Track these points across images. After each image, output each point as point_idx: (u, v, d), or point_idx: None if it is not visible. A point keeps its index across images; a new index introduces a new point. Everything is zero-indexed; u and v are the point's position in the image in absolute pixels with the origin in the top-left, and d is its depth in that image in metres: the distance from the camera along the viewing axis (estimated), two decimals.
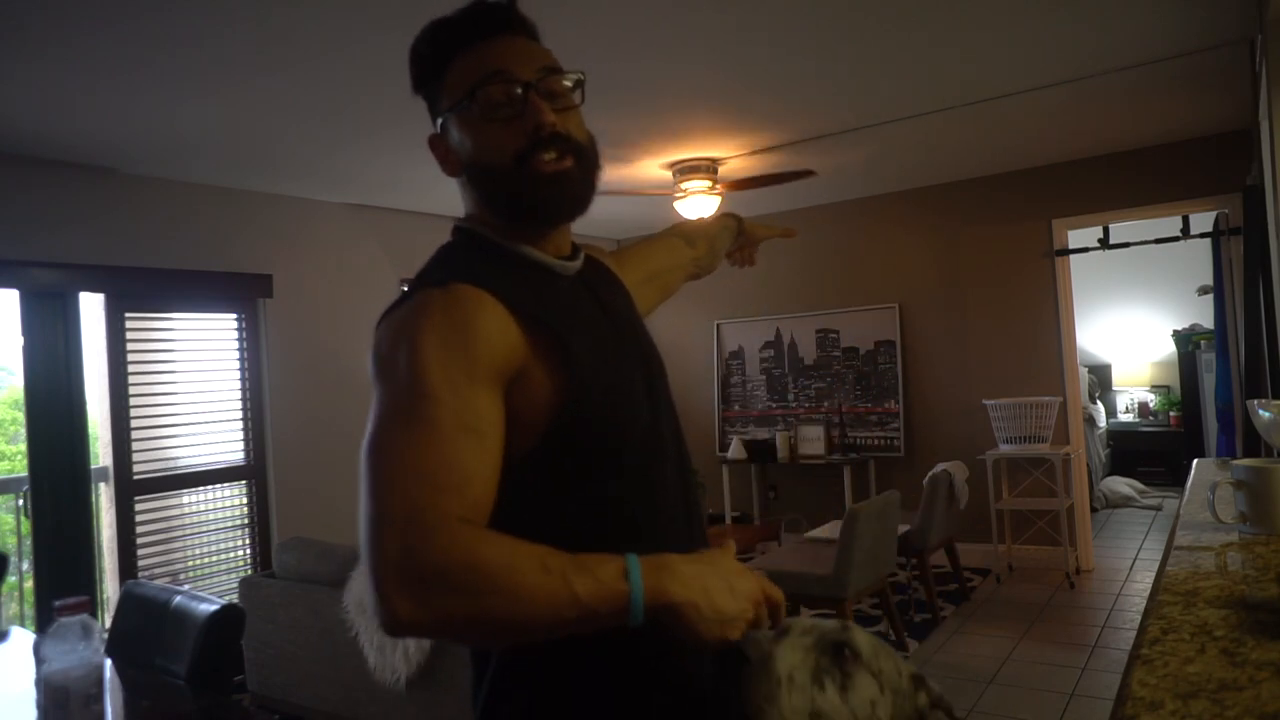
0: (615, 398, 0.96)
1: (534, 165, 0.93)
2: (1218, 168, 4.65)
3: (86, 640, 1.36)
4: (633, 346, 1.04)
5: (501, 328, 0.89)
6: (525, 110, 0.94)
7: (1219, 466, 1.96)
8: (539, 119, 0.93)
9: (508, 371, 0.88)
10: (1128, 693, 0.76)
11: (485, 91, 0.93)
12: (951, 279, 5.57)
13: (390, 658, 2.90)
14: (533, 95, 0.94)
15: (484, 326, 0.87)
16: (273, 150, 3.84)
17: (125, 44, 2.59)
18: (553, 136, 0.94)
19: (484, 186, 0.98)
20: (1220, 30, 3.11)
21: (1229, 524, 1.36)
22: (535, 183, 0.94)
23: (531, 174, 0.93)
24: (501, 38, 0.97)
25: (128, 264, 3.95)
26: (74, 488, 3.66)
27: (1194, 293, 7.46)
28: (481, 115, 0.94)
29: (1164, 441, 7.90)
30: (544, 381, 0.90)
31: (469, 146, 0.97)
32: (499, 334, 0.88)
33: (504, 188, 0.96)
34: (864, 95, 3.64)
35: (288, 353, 4.64)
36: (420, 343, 0.85)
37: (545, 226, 1.00)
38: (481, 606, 0.75)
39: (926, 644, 4.06)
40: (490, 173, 0.96)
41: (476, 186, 0.99)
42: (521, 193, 0.95)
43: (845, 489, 5.46)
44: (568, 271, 1.01)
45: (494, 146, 0.94)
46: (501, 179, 0.95)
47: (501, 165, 0.94)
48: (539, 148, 0.93)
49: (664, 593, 0.78)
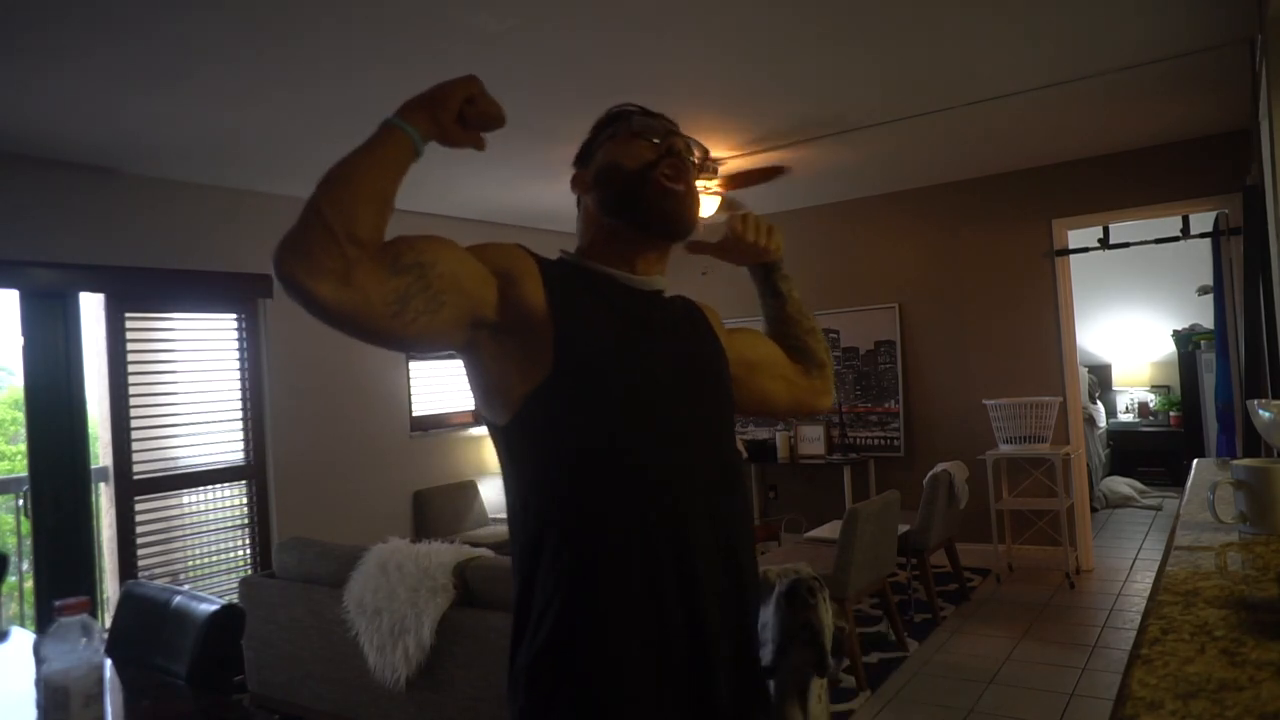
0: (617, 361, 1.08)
1: (655, 176, 1.13)
2: (1218, 168, 4.65)
3: (86, 640, 1.36)
4: (678, 353, 1.16)
5: (524, 267, 1.07)
6: (665, 141, 1.16)
7: (1219, 466, 1.96)
8: (672, 143, 1.16)
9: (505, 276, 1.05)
10: (1128, 693, 0.76)
11: (642, 120, 1.17)
12: (951, 279, 5.57)
13: (390, 658, 2.90)
14: (674, 138, 1.18)
15: (509, 252, 1.08)
16: (273, 150, 3.84)
17: (126, 45, 2.59)
18: (677, 154, 1.15)
19: (609, 186, 1.15)
20: (1220, 30, 3.11)
21: (1229, 524, 1.36)
22: (654, 189, 1.13)
23: (653, 180, 1.13)
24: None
25: (128, 264, 3.95)
26: (74, 488, 3.66)
27: (1194, 293, 7.46)
28: (634, 130, 1.16)
29: (1164, 441, 7.90)
30: (540, 334, 1.04)
31: (608, 155, 1.17)
32: (519, 261, 1.07)
33: (628, 187, 1.14)
34: (864, 95, 3.64)
35: (288, 353, 4.64)
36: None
37: (648, 231, 1.15)
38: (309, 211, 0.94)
39: (926, 644, 4.06)
40: (619, 172, 1.14)
41: (601, 186, 1.16)
42: (639, 195, 1.13)
43: (845, 489, 5.45)
44: (633, 283, 1.16)
45: (632, 154, 1.15)
46: (628, 177, 1.14)
47: (630, 168, 1.14)
48: (664, 158, 1.14)
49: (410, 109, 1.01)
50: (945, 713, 3.30)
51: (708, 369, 1.20)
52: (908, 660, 3.86)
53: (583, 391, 1.04)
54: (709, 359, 1.22)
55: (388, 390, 5.11)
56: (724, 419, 1.20)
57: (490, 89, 1.06)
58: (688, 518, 1.06)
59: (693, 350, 1.19)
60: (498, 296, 1.03)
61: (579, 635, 1.01)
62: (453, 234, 1.06)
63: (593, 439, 1.04)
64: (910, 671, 3.74)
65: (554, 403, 1.04)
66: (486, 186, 4.79)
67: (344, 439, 4.74)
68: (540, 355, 1.04)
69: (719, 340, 1.27)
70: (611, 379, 1.05)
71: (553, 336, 1.04)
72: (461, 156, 4.47)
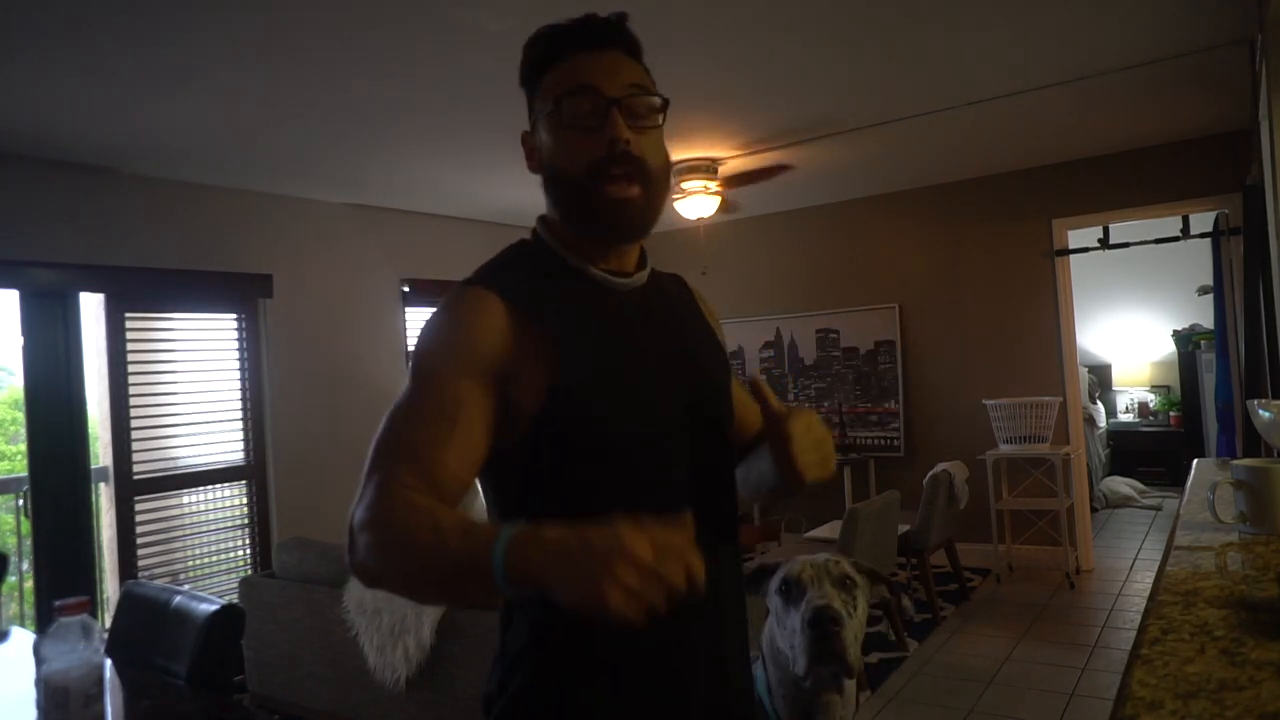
0: (615, 399, 0.99)
1: (603, 183, 0.99)
2: (1218, 168, 4.65)
3: (86, 640, 1.36)
4: (677, 364, 1.08)
5: (497, 327, 0.97)
6: (605, 124, 0.99)
7: (1219, 466, 1.96)
8: (615, 133, 0.99)
9: (501, 368, 0.97)
10: (1128, 693, 0.76)
11: (571, 102, 1.00)
12: (951, 279, 5.57)
13: (390, 658, 2.90)
14: (614, 111, 0.99)
15: (479, 324, 0.97)
16: (273, 150, 3.84)
17: (125, 44, 2.59)
18: (624, 154, 0.99)
19: (556, 190, 1.04)
20: (1220, 30, 3.11)
21: (1229, 524, 1.36)
22: (599, 202, 0.99)
23: (599, 193, 0.99)
24: (600, 51, 1.03)
25: (128, 264, 3.95)
26: (74, 488, 3.66)
27: (1194, 293, 7.46)
28: (565, 123, 1.00)
29: (1164, 441, 7.90)
30: (537, 378, 0.97)
31: (550, 149, 1.03)
32: (493, 331, 0.97)
33: (572, 196, 1.02)
34: (864, 95, 3.64)
35: (288, 353, 4.64)
36: (434, 336, 0.99)
37: (601, 244, 1.06)
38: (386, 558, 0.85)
39: (926, 644, 4.05)
40: (563, 177, 1.02)
41: (550, 188, 1.05)
42: (585, 207, 1.01)
43: (845, 489, 5.45)
44: (620, 287, 1.06)
45: (572, 153, 1.00)
46: (572, 186, 1.01)
47: (575, 172, 1.00)
48: (611, 162, 0.98)
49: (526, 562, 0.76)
50: (945, 713, 3.30)
51: (711, 390, 1.11)
52: (908, 660, 3.86)
53: (573, 426, 0.98)
54: (708, 371, 1.12)
55: (388, 390, 5.11)
56: (725, 439, 1.12)
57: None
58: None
59: (694, 370, 1.10)
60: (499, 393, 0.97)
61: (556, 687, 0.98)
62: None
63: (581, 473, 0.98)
64: (910, 671, 3.74)
65: (544, 434, 0.98)
66: (487, 187, 4.79)
67: (344, 439, 4.74)
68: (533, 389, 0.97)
69: (709, 327, 1.20)
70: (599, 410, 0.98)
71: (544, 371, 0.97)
72: (461, 156, 4.46)
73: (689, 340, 1.13)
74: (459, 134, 3.77)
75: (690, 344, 1.12)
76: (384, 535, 0.84)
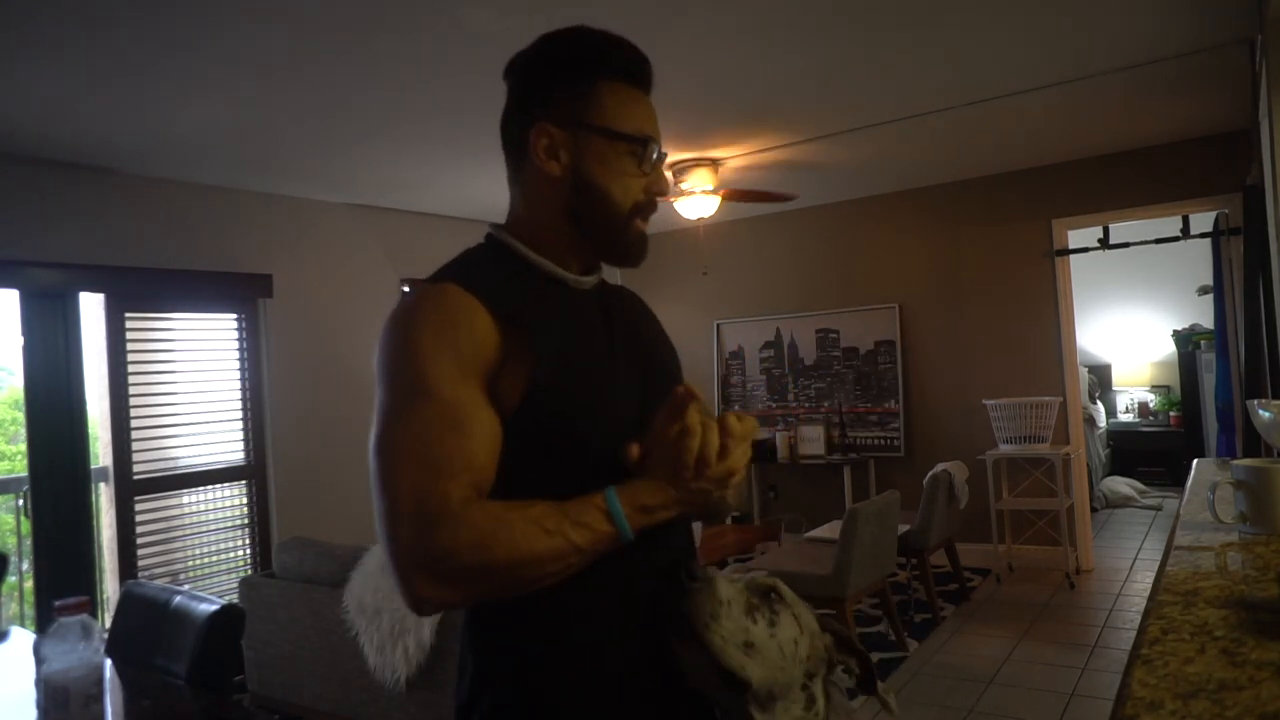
0: (588, 396, 1.02)
1: (638, 222, 1.09)
2: (1218, 168, 4.65)
3: (86, 640, 1.36)
4: (637, 358, 1.12)
5: (485, 327, 0.98)
6: (657, 176, 1.10)
7: (1219, 466, 1.96)
8: (662, 189, 1.10)
9: (490, 367, 0.98)
10: (1128, 693, 0.76)
11: (645, 148, 1.07)
12: (951, 279, 5.57)
13: (390, 658, 2.90)
14: (661, 166, 1.10)
15: (471, 326, 0.97)
16: (273, 150, 3.84)
17: (125, 45, 2.59)
18: (659, 195, 1.11)
19: (590, 209, 1.06)
20: (1220, 30, 3.11)
21: (1229, 524, 1.36)
22: (632, 236, 1.08)
23: (635, 230, 1.08)
24: (647, 96, 1.12)
25: (128, 264, 3.95)
26: (74, 488, 3.66)
27: (1194, 293, 7.46)
28: (620, 153, 1.06)
29: (1164, 441, 7.90)
30: (516, 374, 0.98)
31: (596, 172, 1.06)
32: (483, 332, 0.97)
33: (608, 223, 1.07)
34: (864, 95, 3.64)
35: (288, 353, 4.64)
36: (417, 339, 0.95)
37: (608, 261, 1.12)
38: (498, 574, 0.88)
39: (926, 644, 4.05)
40: (604, 202, 1.06)
41: (577, 199, 1.06)
42: (617, 236, 1.08)
43: (845, 489, 5.45)
44: (582, 285, 1.10)
45: (625, 188, 1.07)
46: (611, 216, 1.07)
47: (622, 205, 1.07)
48: (650, 208, 1.09)
49: (644, 514, 0.94)
50: (945, 713, 3.30)
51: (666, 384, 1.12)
52: (908, 660, 3.86)
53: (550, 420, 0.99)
54: (663, 365, 1.17)
55: None
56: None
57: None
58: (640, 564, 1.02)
59: (653, 365, 1.14)
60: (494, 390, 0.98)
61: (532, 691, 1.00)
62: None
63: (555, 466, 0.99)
64: (910, 671, 3.74)
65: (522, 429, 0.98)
66: (488, 186, 4.79)
67: (344, 439, 4.74)
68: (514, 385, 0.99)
69: (659, 325, 1.25)
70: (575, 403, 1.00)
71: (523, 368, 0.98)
72: (461, 157, 4.45)
73: (645, 337, 1.18)
74: (459, 134, 3.77)
75: (647, 341, 1.18)
76: (481, 557, 0.87)
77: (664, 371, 1.15)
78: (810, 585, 3.61)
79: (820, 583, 3.59)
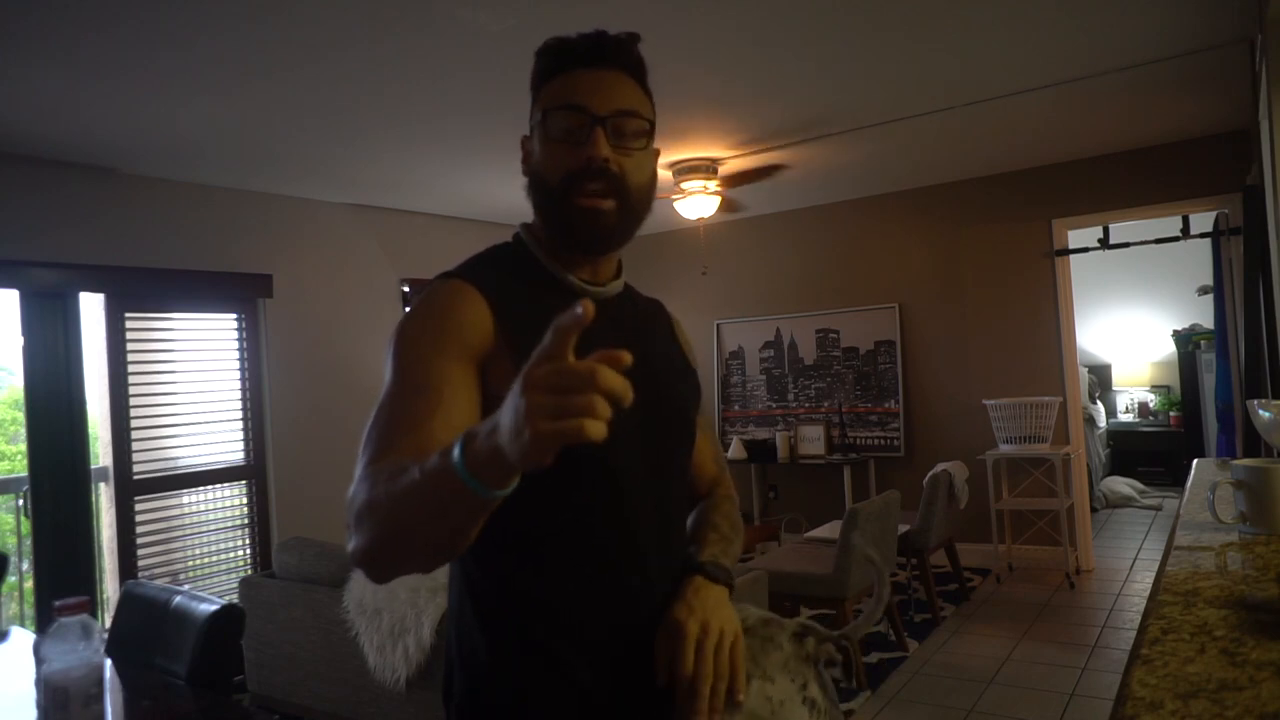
0: None
1: (577, 193, 1.02)
2: (1218, 168, 4.65)
3: (86, 640, 1.36)
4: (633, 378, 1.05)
5: (478, 314, 1.00)
6: (588, 141, 1.02)
7: (1219, 466, 1.96)
8: (593, 151, 1.01)
9: (480, 349, 0.99)
10: (1128, 693, 0.76)
11: (557, 115, 1.04)
12: (951, 279, 5.57)
13: (390, 658, 2.90)
14: (598, 130, 1.02)
15: (460, 310, 1.00)
16: (273, 150, 3.84)
17: (125, 44, 2.59)
18: (602, 170, 1.01)
19: (535, 195, 1.08)
20: (1220, 30, 3.11)
21: (1229, 524, 1.36)
22: (571, 211, 1.03)
23: (572, 202, 1.02)
24: (601, 69, 1.06)
25: (128, 264, 3.95)
26: (74, 488, 3.66)
27: (1194, 293, 7.47)
28: (550, 136, 1.04)
29: (1164, 441, 7.90)
30: (507, 372, 0.96)
31: (536, 157, 1.07)
32: (474, 317, 1.00)
33: (548, 203, 1.05)
34: (864, 95, 3.64)
35: (288, 353, 4.64)
36: (405, 329, 1.00)
37: (572, 252, 1.09)
38: (381, 525, 0.82)
39: (926, 644, 4.05)
40: (541, 185, 1.06)
41: (531, 193, 1.08)
42: (558, 215, 1.05)
43: (845, 489, 5.45)
44: (591, 296, 1.08)
45: (553, 163, 1.04)
46: (548, 194, 1.05)
47: (551, 181, 1.04)
48: (587, 177, 1.02)
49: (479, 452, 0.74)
50: (945, 713, 3.30)
51: (674, 407, 1.13)
52: (908, 660, 3.86)
53: None
54: (670, 382, 1.15)
55: None
56: (680, 463, 1.15)
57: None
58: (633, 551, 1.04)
59: (657, 381, 1.11)
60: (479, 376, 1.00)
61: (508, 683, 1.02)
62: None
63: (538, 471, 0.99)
64: (910, 671, 3.74)
65: None
66: (487, 186, 4.79)
67: (344, 439, 4.74)
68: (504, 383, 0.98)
69: (679, 345, 1.23)
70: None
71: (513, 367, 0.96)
72: (462, 157, 4.45)
73: (650, 357, 1.12)
74: (459, 134, 3.77)
75: (651, 361, 1.12)
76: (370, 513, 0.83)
77: (666, 385, 1.13)
78: (810, 585, 3.61)
79: (820, 583, 3.59)
